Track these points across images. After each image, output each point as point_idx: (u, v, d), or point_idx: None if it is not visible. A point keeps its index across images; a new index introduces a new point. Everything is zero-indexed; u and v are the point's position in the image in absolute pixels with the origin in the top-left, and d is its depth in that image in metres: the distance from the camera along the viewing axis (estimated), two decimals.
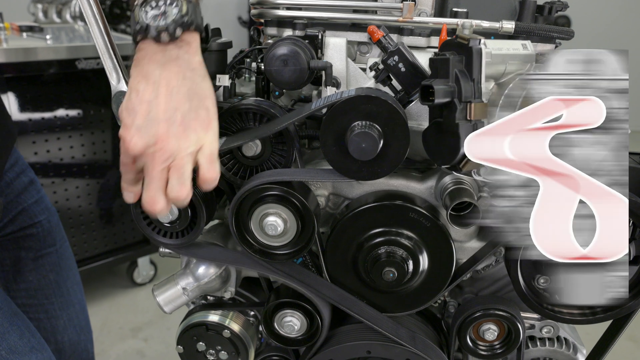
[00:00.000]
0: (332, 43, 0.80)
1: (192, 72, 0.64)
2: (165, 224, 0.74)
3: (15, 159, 1.11)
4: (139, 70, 0.63)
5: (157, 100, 0.61)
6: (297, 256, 0.76)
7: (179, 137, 0.61)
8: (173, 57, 0.63)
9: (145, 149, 0.61)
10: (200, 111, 0.64)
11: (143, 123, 0.61)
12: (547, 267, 0.77)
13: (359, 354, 0.81)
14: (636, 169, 0.77)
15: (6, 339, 0.92)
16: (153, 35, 0.62)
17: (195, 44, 0.66)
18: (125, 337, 2.30)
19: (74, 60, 2.00)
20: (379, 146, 0.64)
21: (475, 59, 0.60)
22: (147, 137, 0.61)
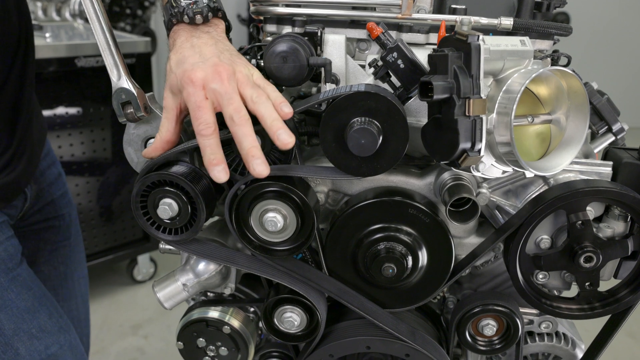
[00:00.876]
0: (332, 40, 0.80)
1: (224, 42, 0.73)
2: (165, 220, 0.74)
3: (47, 150, 1.16)
4: (177, 46, 0.72)
5: (201, 50, 0.70)
6: (297, 252, 0.76)
7: (231, 64, 0.68)
8: (205, 32, 0.73)
9: (209, 76, 0.66)
10: (240, 58, 0.72)
11: (198, 60, 0.68)
12: (545, 263, 0.77)
13: (359, 349, 0.81)
14: (634, 164, 0.77)
15: (36, 318, 0.96)
16: (189, 17, 0.72)
17: (222, 27, 0.76)
18: (126, 334, 2.31)
19: (74, 58, 2.00)
20: (378, 142, 0.64)
21: (474, 55, 0.61)
22: (207, 67, 0.67)
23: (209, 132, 0.66)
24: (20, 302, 0.94)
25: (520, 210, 0.78)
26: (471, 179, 0.79)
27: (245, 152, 0.65)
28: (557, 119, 0.71)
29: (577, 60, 3.70)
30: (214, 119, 0.67)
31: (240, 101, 0.67)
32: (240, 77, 0.68)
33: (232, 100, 0.66)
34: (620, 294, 0.76)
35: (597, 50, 4.55)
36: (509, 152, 0.65)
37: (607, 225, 0.77)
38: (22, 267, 0.97)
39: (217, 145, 0.67)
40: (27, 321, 0.94)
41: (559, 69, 0.65)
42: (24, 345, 0.93)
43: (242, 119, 0.65)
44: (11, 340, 0.91)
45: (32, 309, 0.95)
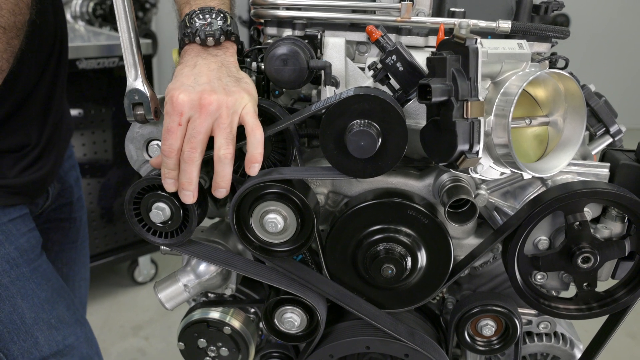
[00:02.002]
0: (331, 43, 0.81)
1: (229, 64, 0.74)
2: (158, 224, 0.75)
3: (70, 153, 1.19)
4: (183, 63, 0.73)
5: (200, 72, 0.70)
6: (297, 253, 0.77)
7: (221, 94, 0.68)
8: (213, 54, 0.73)
9: (190, 103, 0.67)
10: (240, 83, 0.72)
11: (189, 83, 0.69)
12: (543, 264, 0.78)
13: (358, 349, 0.82)
14: (631, 166, 0.78)
15: (55, 309, 0.98)
16: (201, 39, 0.72)
17: (233, 50, 0.76)
18: (126, 335, 2.31)
19: (75, 60, 2.01)
20: (377, 141, 0.65)
21: (472, 58, 0.61)
22: (192, 93, 0.68)
23: (172, 155, 0.69)
24: (41, 293, 0.96)
25: (518, 212, 0.78)
26: (470, 181, 0.80)
27: (180, 184, 0.71)
28: (555, 121, 0.72)
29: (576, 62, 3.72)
30: (180, 144, 0.69)
31: (204, 143, 0.69)
32: (223, 115, 0.68)
33: (194, 139, 0.68)
34: (617, 294, 0.77)
35: (597, 52, 4.56)
36: (506, 153, 0.66)
37: (604, 226, 0.78)
38: (42, 259, 1.00)
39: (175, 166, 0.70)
40: (47, 311, 0.96)
41: (556, 72, 0.65)
42: (43, 335, 0.95)
43: (191, 159, 0.69)
44: (31, 328, 0.93)
45: (52, 299, 0.97)
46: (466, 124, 0.62)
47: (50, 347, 0.95)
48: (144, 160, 0.80)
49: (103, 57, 2.09)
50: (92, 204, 2.32)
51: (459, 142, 0.62)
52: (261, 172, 0.76)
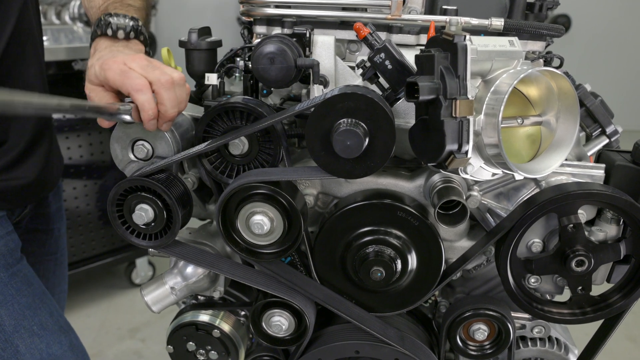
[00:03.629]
0: (320, 41, 0.79)
1: (139, 52, 0.78)
2: (141, 226, 0.74)
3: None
4: (97, 52, 0.78)
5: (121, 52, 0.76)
6: (284, 255, 0.75)
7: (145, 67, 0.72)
8: (123, 45, 0.79)
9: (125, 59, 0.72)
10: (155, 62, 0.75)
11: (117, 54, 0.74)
12: (536, 267, 0.76)
13: (348, 353, 0.80)
14: (626, 167, 0.76)
15: (38, 315, 0.94)
16: (113, 30, 0.78)
17: (141, 49, 0.82)
18: (123, 337, 2.30)
19: (71, 62, 2.00)
20: (364, 140, 0.63)
21: (461, 56, 0.60)
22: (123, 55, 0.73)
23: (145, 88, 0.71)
24: (21, 298, 0.92)
25: (511, 213, 0.77)
26: (461, 182, 0.78)
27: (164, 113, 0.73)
28: (548, 121, 0.70)
29: (577, 62, 3.75)
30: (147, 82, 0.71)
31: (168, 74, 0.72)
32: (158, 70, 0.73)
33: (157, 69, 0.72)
34: (612, 299, 0.75)
35: (598, 52, 4.54)
36: (497, 154, 0.65)
37: (599, 228, 0.76)
38: (22, 263, 0.96)
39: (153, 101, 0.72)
40: (28, 318, 0.92)
41: (548, 70, 0.64)
42: (24, 343, 0.91)
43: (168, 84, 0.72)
44: (11, 337, 0.90)
45: (33, 305, 0.94)
46: (455, 123, 0.60)
47: (33, 356, 0.91)
48: (129, 160, 0.78)
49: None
50: (89, 205, 2.31)
51: (447, 141, 0.60)
52: (248, 172, 0.75)
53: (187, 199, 0.76)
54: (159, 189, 0.73)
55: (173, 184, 0.75)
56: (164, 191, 0.73)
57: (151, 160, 0.78)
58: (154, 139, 0.76)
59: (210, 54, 0.91)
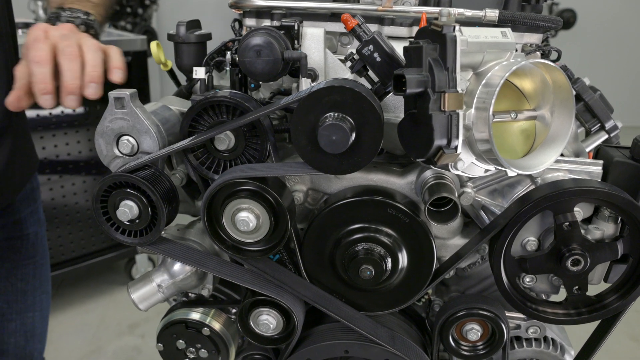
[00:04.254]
0: (310, 33, 0.77)
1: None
2: (125, 222, 0.72)
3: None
4: None
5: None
6: (270, 253, 0.73)
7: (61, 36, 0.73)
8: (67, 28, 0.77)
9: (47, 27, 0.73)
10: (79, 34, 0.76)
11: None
12: (531, 266, 0.74)
13: (337, 353, 0.78)
14: (625, 163, 0.74)
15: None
16: (61, 22, 0.79)
17: None
18: (123, 333, 2.30)
19: None
20: (350, 135, 0.61)
21: (449, 47, 0.58)
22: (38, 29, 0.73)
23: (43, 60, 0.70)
24: None
25: (505, 211, 0.74)
26: (454, 178, 0.76)
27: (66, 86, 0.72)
28: (542, 115, 0.68)
29: (583, 56, 3.70)
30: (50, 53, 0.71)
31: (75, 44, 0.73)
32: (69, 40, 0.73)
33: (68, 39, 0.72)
34: (608, 300, 0.73)
35: (604, 47, 4.48)
36: (488, 149, 0.62)
37: (596, 227, 0.74)
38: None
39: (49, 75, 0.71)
40: None
41: (542, 62, 0.61)
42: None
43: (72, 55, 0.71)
44: None
45: None
46: (443, 117, 0.58)
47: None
48: (114, 155, 0.77)
49: None
50: (88, 201, 2.30)
51: (435, 136, 0.58)
52: (234, 168, 0.73)
53: (172, 196, 0.75)
54: (143, 185, 0.72)
55: (158, 181, 0.73)
56: (149, 187, 0.71)
57: (137, 156, 0.76)
58: (139, 134, 0.75)
59: (199, 47, 0.89)
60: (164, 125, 0.78)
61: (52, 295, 2.49)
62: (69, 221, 2.27)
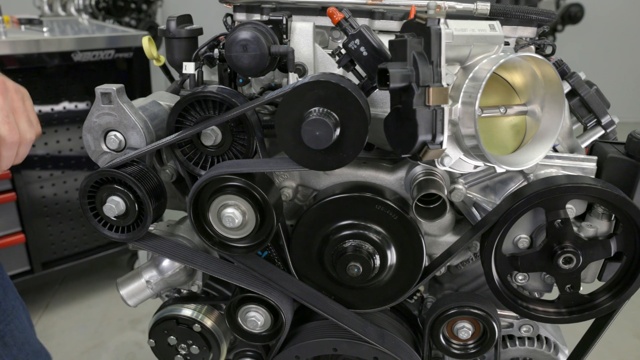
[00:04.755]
0: (299, 28, 0.76)
1: None
2: (112, 218, 0.72)
3: None
4: None
5: None
6: (257, 250, 0.73)
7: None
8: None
9: None
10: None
11: None
12: (522, 263, 0.73)
13: (325, 351, 0.78)
14: (619, 159, 0.72)
15: None
16: None
17: None
18: (124, 328, 2.31)
19: (70, 53, 1.99)
20: (333, 132, 0.60)
21: (434, 41, 0.56)
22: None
23: None
24: None
25: (496, 207, 0.73)
26: (444, 175, 0.75)
27: None
28: (533, 110, 0.67)
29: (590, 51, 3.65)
30: None
31: None
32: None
33: None
34: (599, 299, 0.71)
35: (611, 41, 4.41)
36: (475, 145, 0.61)
37: (589, 224, 0.73)
38: None
39: None
40: None
41: (530, 55, 0.60)
42: None
43: None
44: None
45: None
46: (428, 112, 0.57)
47: None
48: (102, 151, 0.76)
49: (99, 49, 2.08)
50: None
51: (420, 131, 0.57)
52: (220, 164, 0.73)
53: (160, 192, 0.74)
54: (129, 181, 0.71)
55: (145, 177, 0.73)
56: (135, 183, 0.71)
57: (124, 152, 0.76)
58: (126, 129, 0.74)
59: (190, 42, 0.88)
60: (152, 121, 0.77)
61: (55, 290, 2.50)
62: (72, 217, 2.28)
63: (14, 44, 1.89)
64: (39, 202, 2.15)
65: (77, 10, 3.11)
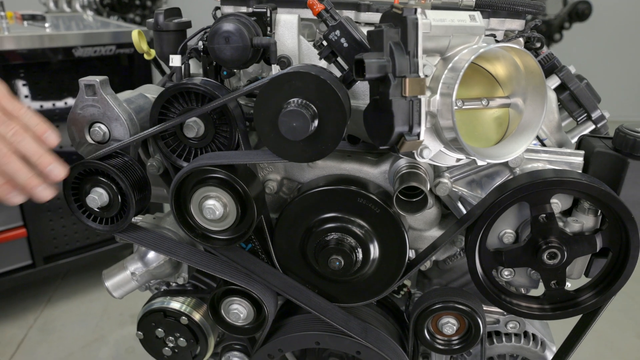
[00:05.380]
0: (283, 20, 0.76)
1: None
2: (95, 209, 0.72)
3: None
4: None
5: None
6: (238, 242, 0.72)
7: None
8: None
9: None
10: None
11: None
12: (507, 258, 0.72)
13: (308, 344, 0.78)
14: (606, 154, 0.71)
15: None
16: None
17: None
18: (125, 323, 2.32)
19: (71, 48, 2.01)
20: (310, 123, 0.60)
21: (410, 31, 0.56)
22: None
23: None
24: None
25: (481, 201, 0.72)
26: (428, 168, 0.74)
27: (25, 185, 0.63)
28: (516, 103, 0.66)
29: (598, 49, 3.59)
30: None
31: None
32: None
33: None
34: (583, 296, 0.70)
35: (620, 39, 4.35)
36: (454, 138, 0.60)
37: (575, 219, 0.72)
38: None
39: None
40: None
41: (510, 46, 0.59)
42: None
43: (6, 158, 0.62)
44: None
45: None
46: (405, 103, 0.56)
47: None
48: (86, 143, 0.77)
49: (100, 45, 2.09)
50: None
51: (396, 123, 0.56)
52: (202, 156, 0.73)
53: (143, 184, 0.74)
54: (112, 173, 0.71)
55: (128, 169, 0.73)
56: (117, 175, 0.71)
57: (108, 143, 0.76)
58: (110, 121, 0.74)
59: (178, 35, 0.88)
60: (138, 114, 0.77)
61: (58, 285, 2.51)
62: None
63: (17, 39, 1.90)
64: None
65: (82, 7, 3.13)
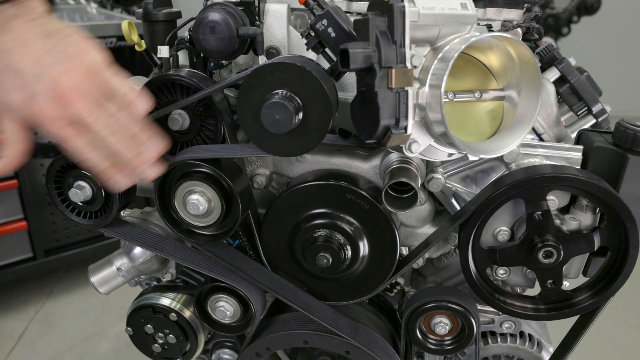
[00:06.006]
0: (272, 10, 0.74)
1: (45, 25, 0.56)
2: (79, 203, 0.71)
3: None
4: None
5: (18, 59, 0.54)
6: (223, 238, 0.71)
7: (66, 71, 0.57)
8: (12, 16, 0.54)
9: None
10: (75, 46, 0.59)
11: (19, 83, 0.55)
12: (501, 257, 0.69)
13: (296, 343, 0.76)
14: (605, 149, 0.68)
15: None
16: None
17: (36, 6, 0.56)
18: (125, 317, 2.33)
19: None
20: (294, 116, 0.58)
21: (397, 19, 0.53)
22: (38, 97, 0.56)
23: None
24: None
25: (474, 198, 0.70)
26: (420, 163, 0.72)
27: (131, 166, 0.60)
28: (510, 96, 0.63)
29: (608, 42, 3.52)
30: None
31: None
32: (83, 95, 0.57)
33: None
34: (580, 297, 0.68)
35: (630, 32, 4.28)
36: (444, 132, 0.58)
37: (572, 217, 0.69)
38: None
39: None
40: None
41: (504, 35, 0.56)
42: None
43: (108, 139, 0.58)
44: None
45: None
46: (391, 95, 0.54)
47: None
48: None
49: (100, 37, 2.08)
50: None
51: (382, 115, 0.54)
52: (186, 149, 0.71)
53: None
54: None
55: None
56: None
57: None
58: None
59: (167, 26, 0.86)
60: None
61: (59, 278, 2.52)
62: None
63: None
64: (41, 190, 2.16)
65: (87, 0, 3.12)
